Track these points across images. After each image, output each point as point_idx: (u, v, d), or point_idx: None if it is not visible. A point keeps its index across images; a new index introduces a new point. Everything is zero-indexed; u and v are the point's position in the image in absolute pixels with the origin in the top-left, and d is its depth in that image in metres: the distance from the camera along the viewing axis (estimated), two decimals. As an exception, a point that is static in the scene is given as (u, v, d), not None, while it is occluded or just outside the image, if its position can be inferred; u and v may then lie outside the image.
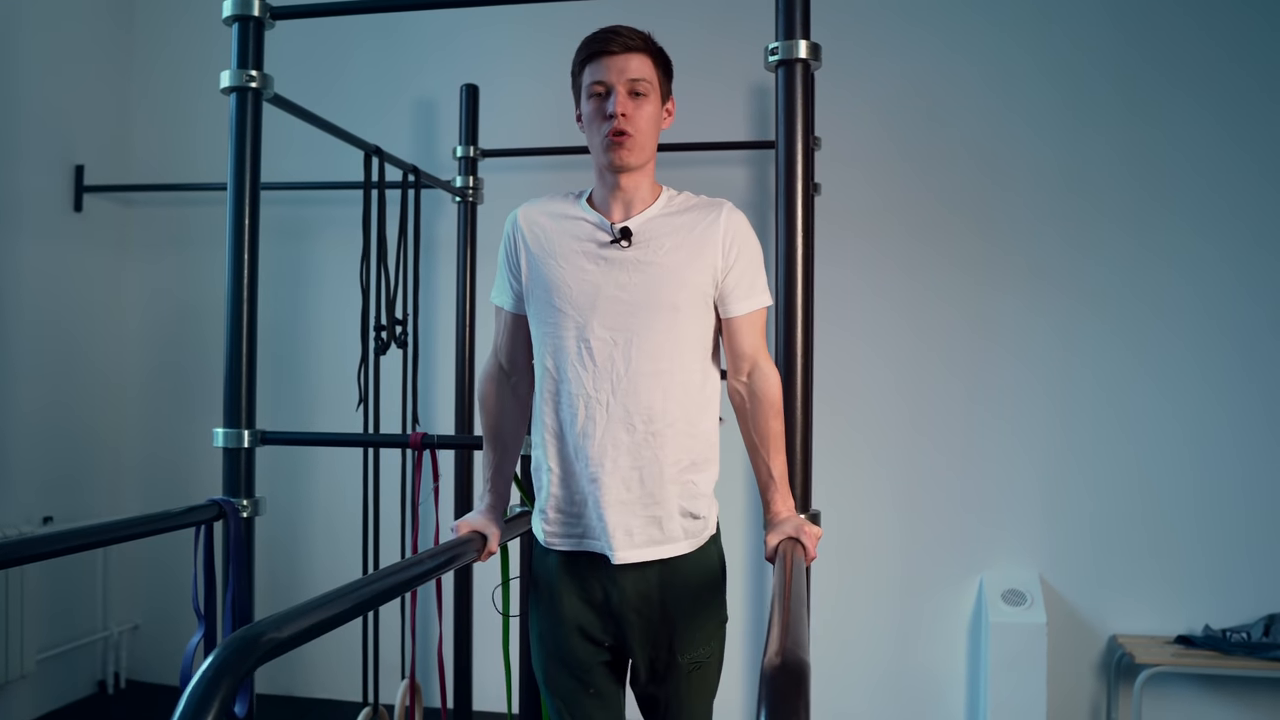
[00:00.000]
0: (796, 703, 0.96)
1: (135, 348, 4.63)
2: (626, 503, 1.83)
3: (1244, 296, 3.82)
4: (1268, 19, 3.82)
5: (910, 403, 4.05)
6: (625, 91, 1.82)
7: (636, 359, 1.82)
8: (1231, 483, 3.82)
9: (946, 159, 4.04)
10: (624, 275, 1.83)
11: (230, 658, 1.10)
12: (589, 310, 1.84)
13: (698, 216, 1.88)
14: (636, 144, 1.82)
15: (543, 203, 1.96)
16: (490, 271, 4.05)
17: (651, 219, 1.87)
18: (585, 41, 1.88)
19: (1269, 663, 3.51)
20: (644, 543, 1.84)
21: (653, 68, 1.87)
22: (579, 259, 1.86)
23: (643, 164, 1.86)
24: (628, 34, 1.85)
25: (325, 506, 4.34)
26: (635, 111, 1.82)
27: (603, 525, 1.83)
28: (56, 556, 2.01)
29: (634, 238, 1.84)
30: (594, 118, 1.85)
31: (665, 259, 1.83)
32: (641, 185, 1.88)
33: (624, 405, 1.82)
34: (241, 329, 2.46)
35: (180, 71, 4.61)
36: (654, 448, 1.83)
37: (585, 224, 1.89)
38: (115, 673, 4.46)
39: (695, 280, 1.85)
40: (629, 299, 1.83)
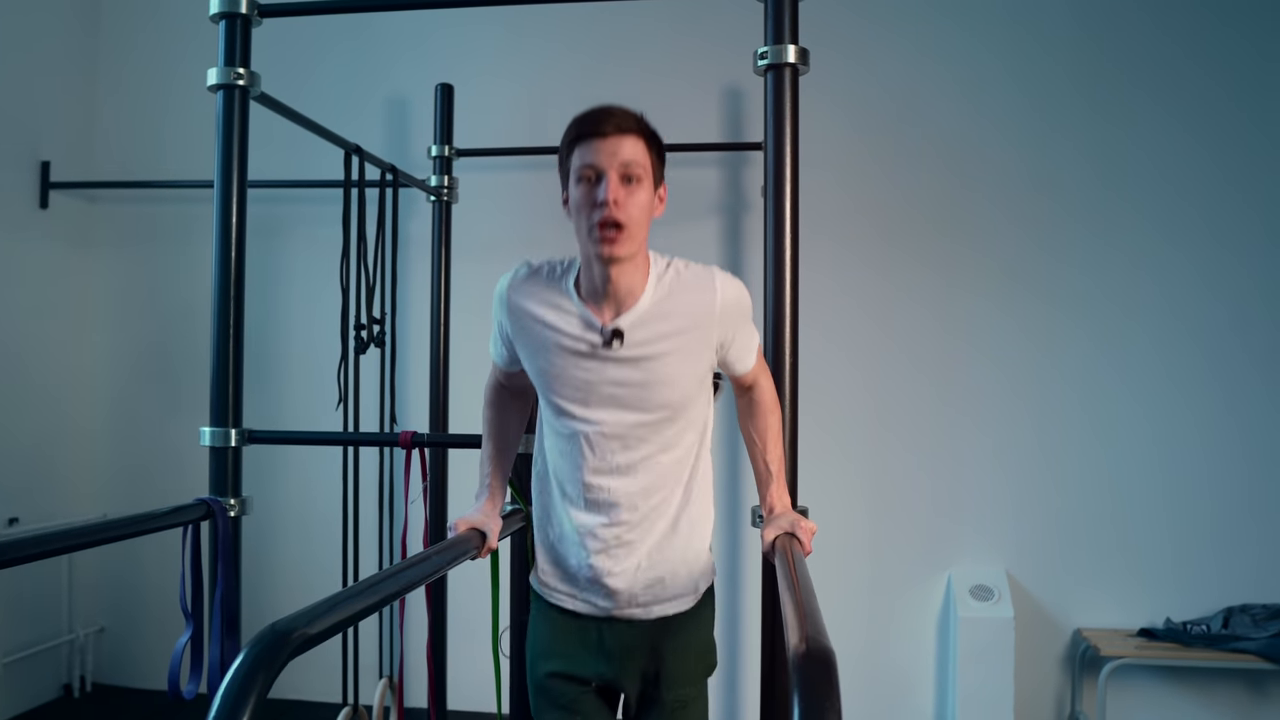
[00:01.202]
0: (829, 687, 0.99)
1: (101, 346, 4.57)
2: (628, 571, 1.88)
3: (1207, 296, 3.93)
4: (1227, 22, 3.94)
5: (879, 402, 4.12)
6: (617, 177, 1.70)
7: (635, 447, 1.83)
8: (1193, 479, 3.93)
9: (916, 161, 4.11)
10: (619, 372, 1.79)
11: (263, 653, 1.11)
12: (583, 405, 1.82)
13: (690, 301, 1.80)
14: (628, 235, 1.71)
15: (528, 284, 1.87)
16: (464, 271, 4.10)
17: (643, 315, 1.78)
18: (575, 122, 1.76)
19: (1228, 654, 3.62)
20: (648, 602, 1.91)
21: (646, 152, 1.75)
22: (570, 357, 1.81)
23: (633, 254, 1.75)
24: (620, 115, 1.73)
25: (299, 506, 4.31)
26: (627, 199, 1.70)
27: (606, 591, 1.89)
28: (46, 558, 1.99)
29: (626, 336, 1.77)
30: (583, 204, 1.72)
31: (661, 358, 1.79)
32: (633, 274, 1.77)
33: (625, 489, 1.84)
34: (229, 327, 2.45)
35: (147, 68, 4.56)
36: (653, 522, 1.87)
37: (574, 319, 1.80)
38: (81, 676, 4.40)
39: (693, 371, 1.83)
40: (625, 396, 1.80)
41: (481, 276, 4.20)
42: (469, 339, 4.14)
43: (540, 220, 4.28)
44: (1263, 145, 3.91)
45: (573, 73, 4.30)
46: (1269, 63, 3.92)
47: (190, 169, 4.36)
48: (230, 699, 1.06)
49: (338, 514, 3.42)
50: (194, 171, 4.32)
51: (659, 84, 4.24)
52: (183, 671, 2.28)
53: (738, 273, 4.28)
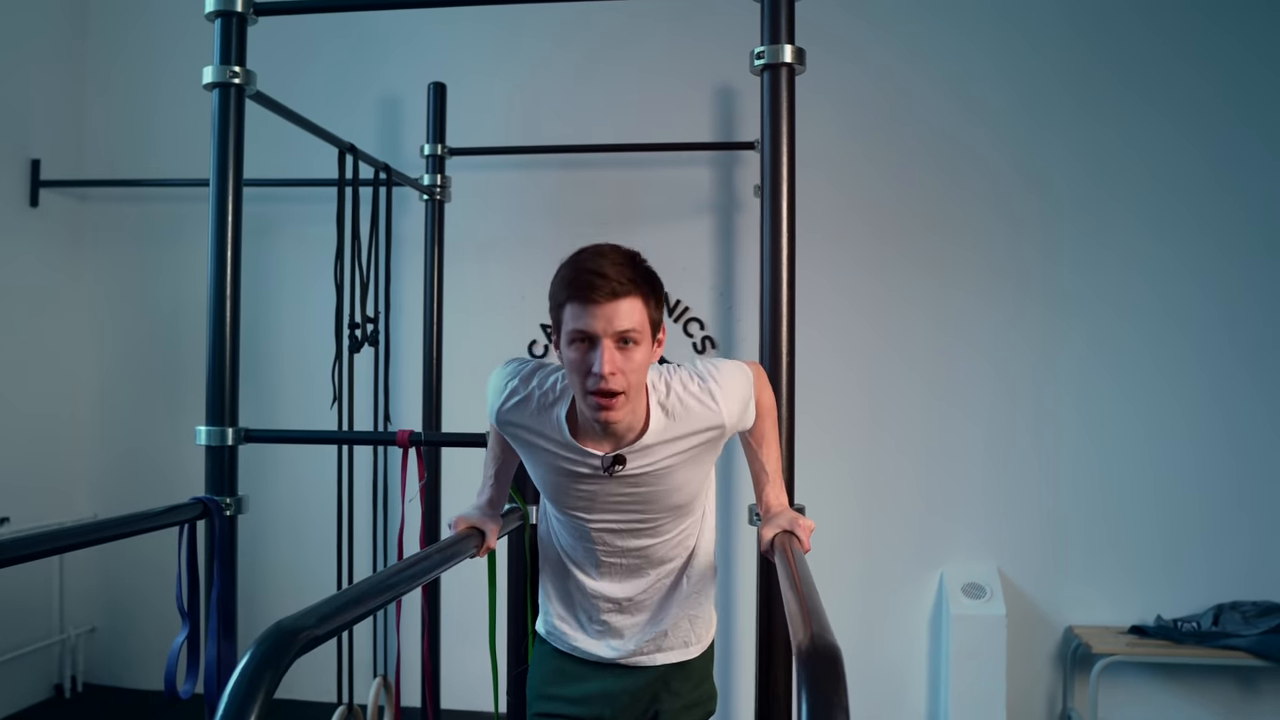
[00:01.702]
0: (836, 683, 1.00)
1: (91, 345, 4.56)
2: (639, 624, 1.96)
3: (1197, 294, 3.96)
4: (1216, 21, 3.97)
5: (871, 400, 4.13)
6: (613, 344, 1.59)
7: (646, 538, 1.88)
8: (1184, 477, 3.96)
9: (909, 161, 4.13)
10: (623, 488, 1.76)
11: (270, 651, 1.10)
12: (588, 512, 1.83)
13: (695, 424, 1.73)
14: (626, 400, 1.62)
15: (517, 410, 1.78)
16: (457, 270, 4.09)
17: (646, 445, 1.72)
18: (567, 280, 1.61)
19: (1218, 651, 3.65)
20: (653, 650, 1.98)
21: (643, 310, 1.62)
22: (569, 478, 1.77)
23: (633, 408, 1.67)
24: (615, 276, 1.58)
25: (291, 506, 4.30)
26: (625, 364, 1.59)
27: (615, 643, 1.97)
28: (42, 557, 1.98)
29: (629, 462, 1.72)
30: (578, 366, 1.61)
31: (666, 473, 1.75)
32: (633, 419, 1.69)
33: (637, 565, 1.91)
34: (224, 326, 2.44)
35: (137, 66, 4.55)
36: (663, 584, 1.94)
37: (570, 450, 1.73)
38: (72, 676, 4.39)
39: (697, 478, 1.84)
40: (632, 503, 1.80)
41: (474, 276, 4.24)
42: (462, 339, 4.14)
43: (533, 219, 4.29)
44: (1252, 143, 3.94)
45: (565, 72, 4.30)
46: (1258, 61, 3.94)
47: (181, 167, 4.35)
48: (238, 698, 1.05)
49: (330, 514, 3.41)
50: (185, 170, 4.31)
51: (652, 83, 4.25)
52: (179, 671, 2.27)
53: (730, 272, 4.32)
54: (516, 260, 4.28)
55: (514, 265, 4.29)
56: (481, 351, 4.20)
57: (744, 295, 4.19)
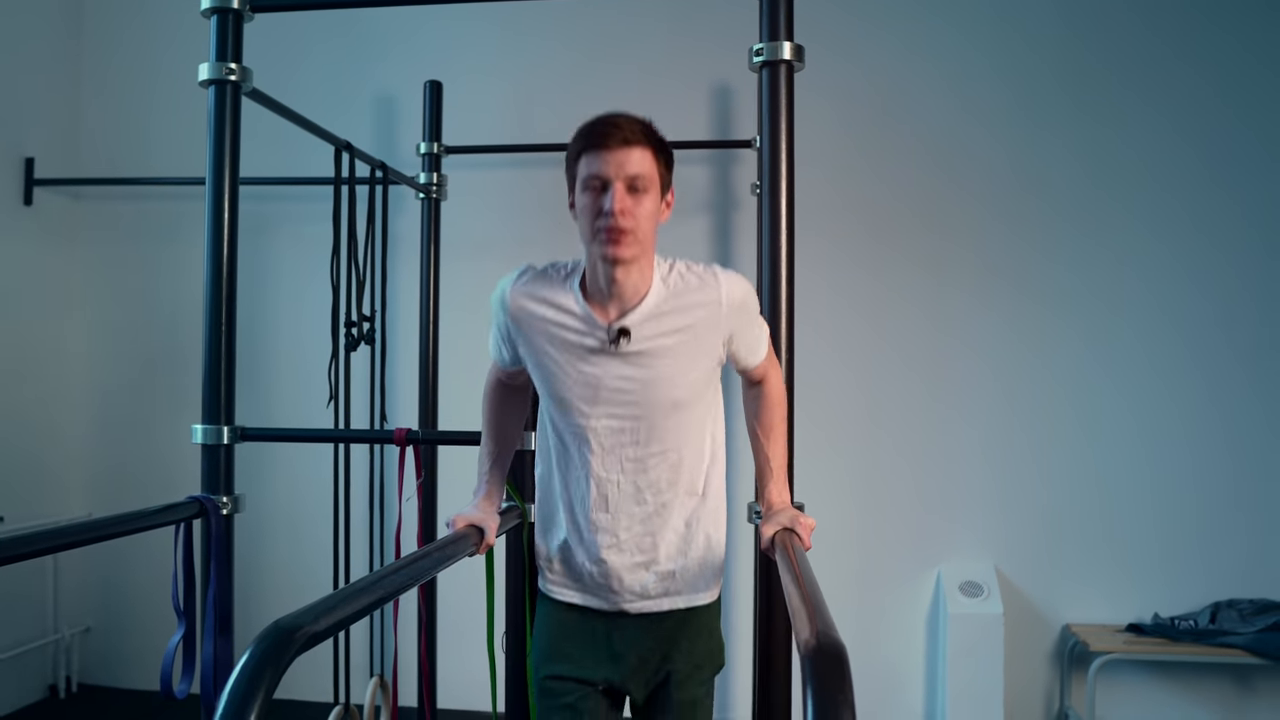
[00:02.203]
0: (842, 681, 0.99)
1: (85, 344, 4.54)
2: (641, 564, 1.89)
3: (1193, 292, 3.96)
4: (1213, 20, 3.97)
5: (868, 399, 4.13)
6: (624, 187, 1.71)
7: (645, 441, 1.84)
8: (1180, 475, 3.96)
9: (905, 159, 4.12)
10: (624, 368, 1.79)
11: (270, 650, 1.09)
12: (590, 402, 1.82)
13: (696, 301, 1.81)
14: (634, 239, 1.72)
15: (531, 284, 1.87)
16: (453, 269, 4.08)
17: (649, 313, 1.78)
18: (582, 132, 1.77)
19: (1215, 649, 3.65)
20: (658, 595, 1.92)
21: (653, 161, 1.75)
22: (575, 356, 1.81)
23: (638, 257, 1.75)
24: (627, 127, 1.73)
25: (286, 505, 4.29)
26: (634, 208, 1.71)
27: (617, 585, 1.90)
28: (38, 556, 1.97)
29: (633, 334, 1.77)
30: (589, 210, 1.73)
31: (666, 355, 1.79)
32: (639, 279, 1.78)
33: (634, 483, 1.85)
34: (220, 324, 2.43)
35: (132, 64, 4.53)
36: (665, 515, 1.88)
37: (578, 319, 1.81)
38: (66, 676, 4.37)
39: (700, 367, 1.83)
40: (632, 391, 1.80)
41: (470, 274, 4.22)
42: (458, 337, 4.13)
43: (530, 218, 4.28)
44: (1248, 142, 3.94)
45: (562, 70, 4.29)
46: (1255, 60, 3.94)
47: (176, 166, 4.33)
48: (238, 697, 1.04)
49: (324, 513, 3.40)
50: (180, 168, 4.30)
51: (649, 81, 4.23)
52: (175, 670, 2.26)
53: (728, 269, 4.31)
54: (513, 259, 4.20)
55: (510, 264, 4.23)
56: (477, 350, 4.17)
57: (741, 293, 4.18)
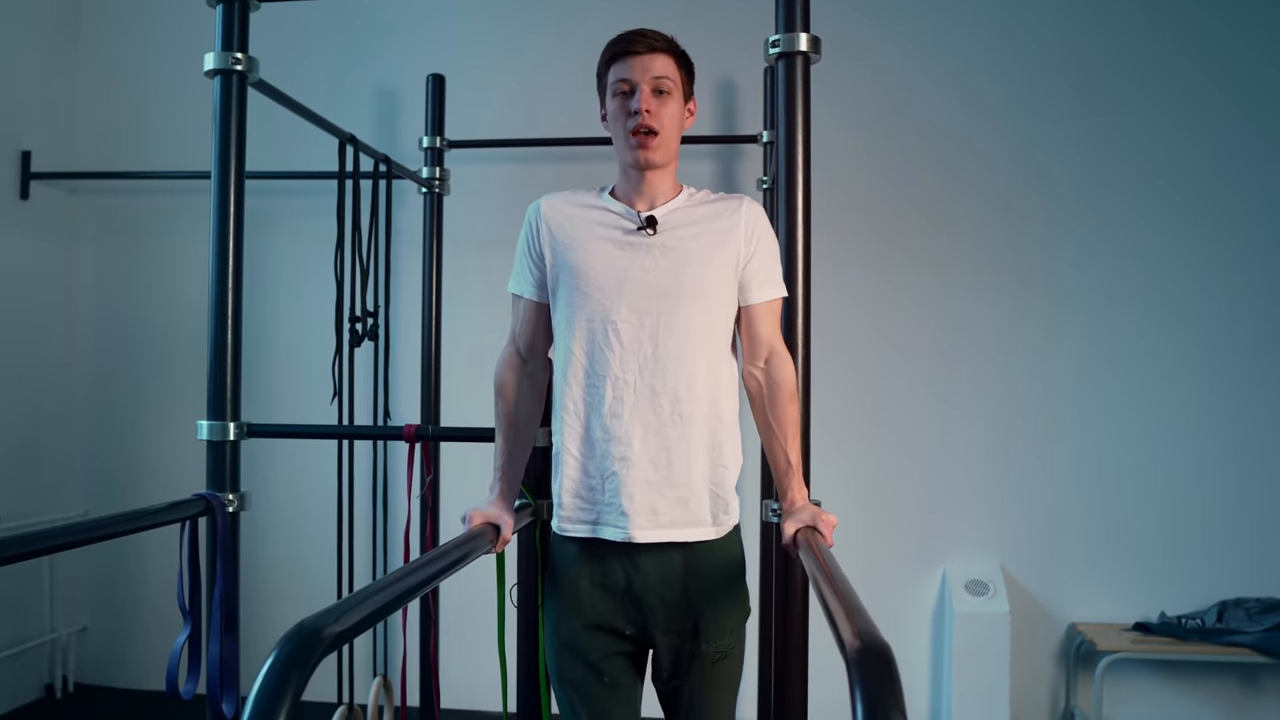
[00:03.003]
0: (891, 682, 0.96)
1: (82, 340, 4.49)
2: (654, 483, 1.84)
3: (1198, 289, 3.94)
4: (1215, 15, 3.95)
5: (872, 397, 4.10)
6: (649, 90, 1.86)
7: (664, 340, 1.84)
8: (1186, 472, 3.94)
9: (908, 156, 4.09)
10: (649, 259, 1.86)
11: (296, 652, 1.06)
12: (615, 294, 1.85)
13: (720, 208, 1.93)
14: (661, 141, 1.85)
15: (565, 194, 1.99)
16: (456, 263, 4.05)
17: (675, 209, 1.91)
18: (610, 43, 1.92)
19: (1223, 648, 3.63)
20: (669, 523, 1.86)
21: (676, 67, 1.91)
22: (604, 245, 1.89)
23: (666, 162, 1.89)
24: (652, 35, 1.90)
25: (288, 502, 4.24)
26: (659, 109, 1.86)
27: (628, 505, 1.84)
28: (43, 554, 1.94)
29: (659, 226, 1.87)
30: (618, 114, 1.88)
31: (690, 245, 1.87)
32: (665, 181, 1.91)
33: (651, 386, 1.84)
34: (226, 319, 2.39)
35: (130, 56, 4.48)
36: (681, 428, 1.85)
37: (610, 213, 1.92)
38: (63, 676, 4.33)
39: (719, 265, 1.88)
40: (655, 282, 1.85)
41: (473, 271, 4.19)
42: (461, 332, 4.09)
43: (533, 213, 4.24)
44: (1251, 138, 3.92)
45: (566, 65, 4.25)
46: (1258, 56, 3.93)
47: (174, 159, 4.28)
48: (265, 701, 1.01)
49: (325, 510, 3.37)
50: (178, 162, 4.25)
51: (653, 76, 4.20)
52: (180, 671, 2.22)
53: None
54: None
55: (512, 260, 4.23)
56: (480, 346, 4.15)
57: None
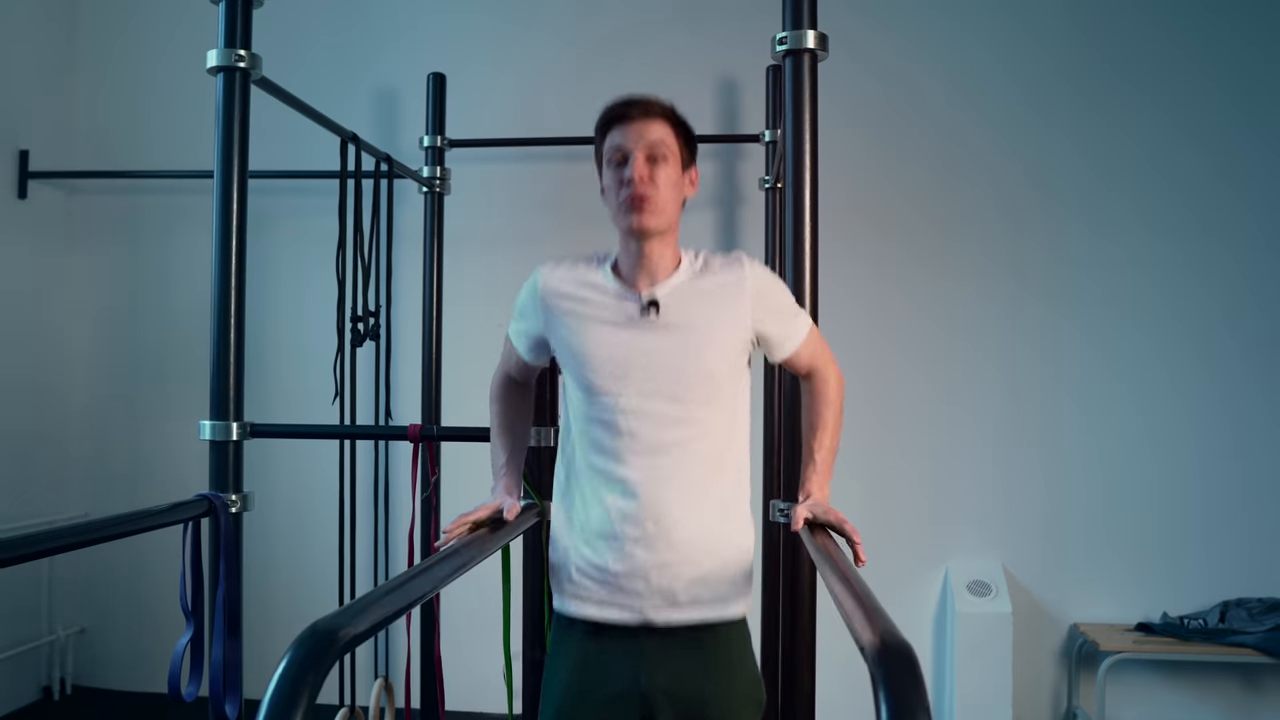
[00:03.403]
0: (915, 683, 0.95)
1: (80, 340, 4.46)
2: (670, 564, 1.77)
3: (1199, 290, 3.94)
4: (1219, 15, 3.95)
5: (874, 397, 4.08)
6: (644, 157, 1.76)
7: (674, 425, 1.77)
8: (1188, 472, 3.94)
9: (910, 155, 4.09)
10: (653, 342, 1.78)
11: (311, 652, 1.04)
12: (620, 379, 1.78)
13: (723, 280, 1.83)
14: (655, 206, 1.75)
15: (565, 267, 1.89)
16: (456, 263, 4.03)
17: (677, 287, 1.81)
18: (605, 110, 1.84)
19: (1225, 648, 3.63)
20: (687, 603, 1.79)
21: (673, 134, 1.81)
22: (606, 328, 1.81)
23: (664, 229, 1.78)
24: (647, 101, 1.82)
25: (287, 503, 4.22)
26: (654, 175, 1.76)
27: (641, 589, 1.78)
28: (46, 556, 1.93)
29: (662, 307, 1.78)
30: (613, 184, 1.79)
31: (696, 324, 1.79)
32: (665, 253, 1.81)
33: (664, 470, 1.77)
34: (229, 318, 2.37)
35: (129, 55, 4.46)
36: (696, 510, 1.78)
37: (610, 293, 1.83)
38: (61, 678, 4.30)
39: (728, 342, 1.81)
40: (661, 365, 1.78)
41: (473, 269, 4.18)
42: (462, 332, 4.08)
43: (534, 213, 4.23)
44: (1255, 140, 3.92)
45: (567, 64, 4.24)
46: (1262, 57, 3.93)
47: (172, 159, 4.27)
48: (279, 703, 1.00)
49: (323, 510, 3.35)
50: (177, 161, 4.23)
51: (654, 76, 4.17)
52: (183, 673, 2.20)
53: (735, 266, 4.26)
54: (517, 255, 4.22)
55: (514, 260, 4.21)
56: (480, 346, 4.14)
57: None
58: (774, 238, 3.79)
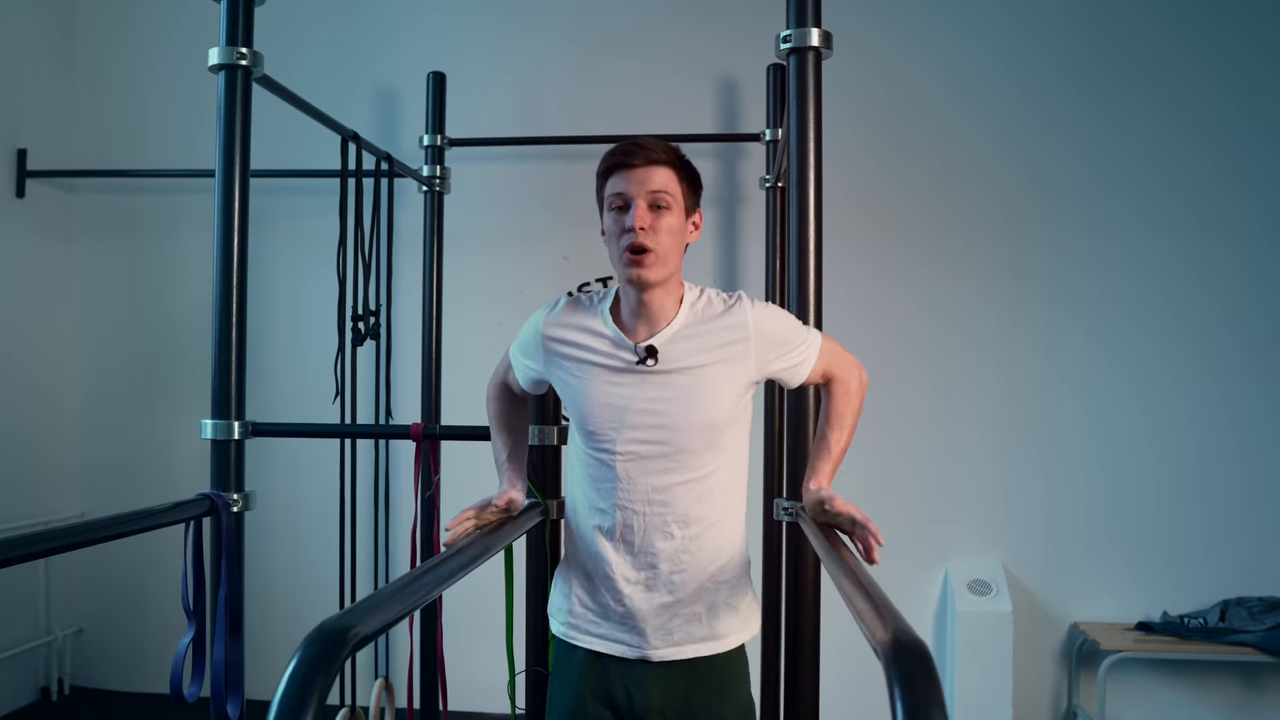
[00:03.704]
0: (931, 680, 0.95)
1: (78, 339, 4.45)
2: (668, 605, 1.81)
3: (1199, 289, 3.94)
4: (1222, 15, 3.95)
5: (874, 396, 4.02)
6: (645, 204, 1.72)
7: (671, 471, 1.78)
8: (1188, 472, 3.94)
9: (910, 154, 4.09)
10: (652, 391, 1.77)
11: (322, 651, 1.03)
12: (617, 428, 1.78)
13: (723, 324, 1.79)
14: (656, 259, 1.71)
15: (565, 313, 1.87)
16: (455, 263, 4.02)
17: (676, 335, 1.78)
18: (607, 154, 1.79)
19: (1226, 647, 3.63)
20: (684, 640, 1.83)
21: (676, 181, 1.76)
22: (604, 377, 1.79)
23: (664, 279, 1.75)
24: (650, 146, 1.75)
25: (285, 502, 4.21)
26: (656, 224, 1.72)
27: (641, 627, 1.82)
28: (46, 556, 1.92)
29: (660, 355, 1.76)
30: (613, 231, 1.75)
31: (693, 375, 1.77)
32: (666, 300, 1.78)
33: (660, 515, 1.79)
34: (231, 317, 2.36)
35: (127, 53, 4.44)
36: (693, 551, 1.80)
37: (609, 340, 1.80)
38: (59, 679, 4.29)
39: (727, 390, 1.79)
40: (659, 414, 1.76)
41: (473, 269, 4.17)
42: (461, 332, 4.07)
43: (533, 213, 4.23)
44: (1254, 139, 3.93)
45: (567, 64, 4.24)
46: (1262, 56, 3.93)
47: (170, 157, 4.26)
48: (290, 704, 0.99)
49: (320, 509, 3.34)
50: (175, 160, 4.23)
51: (654, 75, 4.19)
52: (185, 674, 2.19)
53: (734, 264, 4.28)
54: (516, 254, 4.22)
55: (514, 259, 4.23)
56: (479, 345, 4.14)
57: (747, 288, 4.11)
58: (775, 237, 3.78)
